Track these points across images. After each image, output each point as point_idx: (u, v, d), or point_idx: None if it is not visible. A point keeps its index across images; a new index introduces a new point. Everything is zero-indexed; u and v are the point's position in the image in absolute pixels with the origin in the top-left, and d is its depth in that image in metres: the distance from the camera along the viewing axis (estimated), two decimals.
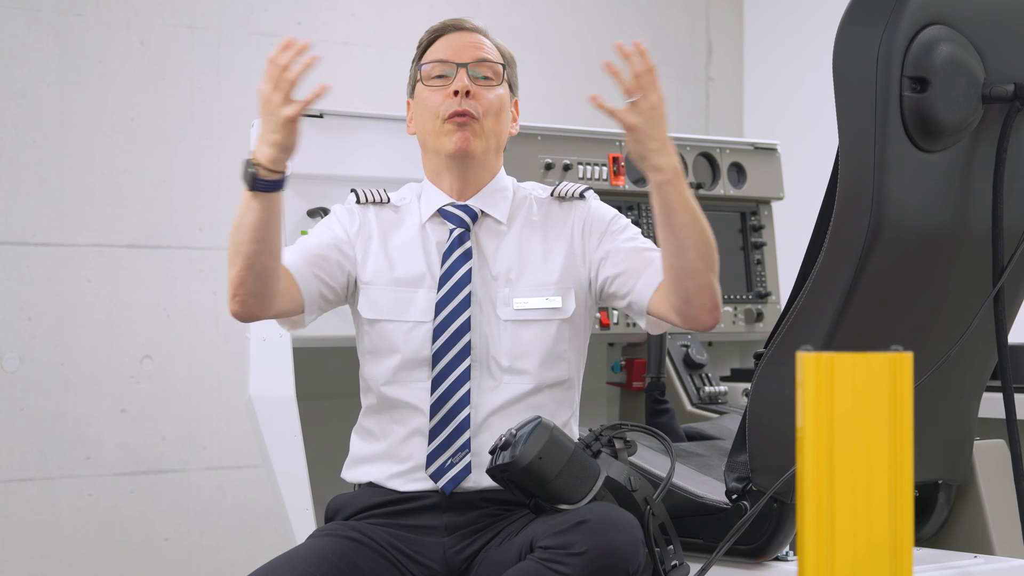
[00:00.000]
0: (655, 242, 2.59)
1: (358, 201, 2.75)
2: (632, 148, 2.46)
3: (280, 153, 2.42)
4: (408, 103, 2.79)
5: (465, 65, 2.69)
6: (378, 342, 2.68)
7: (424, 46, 2.76)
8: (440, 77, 2.70)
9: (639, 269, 2.64)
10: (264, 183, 2.45)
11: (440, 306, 2.65)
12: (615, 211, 2.76)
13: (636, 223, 3.57)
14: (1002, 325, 2.49)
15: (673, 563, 2.51)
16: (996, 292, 2.46)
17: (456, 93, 2.66)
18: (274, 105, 2.40)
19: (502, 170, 2.78)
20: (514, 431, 2.48)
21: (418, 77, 2.74)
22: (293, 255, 2.64)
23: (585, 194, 2.75)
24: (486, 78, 2.71)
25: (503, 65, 2.73)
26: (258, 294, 2.54)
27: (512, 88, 2.77)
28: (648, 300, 2.62)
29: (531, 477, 2.45)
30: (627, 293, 2.65)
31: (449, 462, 2.61)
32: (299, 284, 2.63)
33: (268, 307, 2.58)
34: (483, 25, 2.78)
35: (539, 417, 2.49)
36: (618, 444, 2.56)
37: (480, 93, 2.68)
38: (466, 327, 2.64)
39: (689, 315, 2.56)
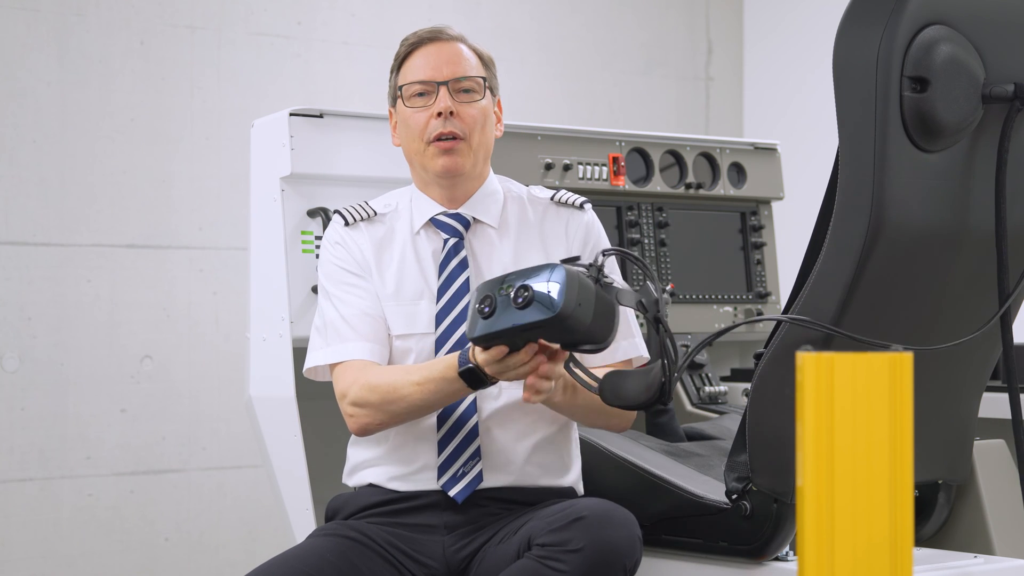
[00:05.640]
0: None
1: (346, 224, 2.74)
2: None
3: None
4: (390, 112, 2.79)
5: (446, 83, 2.69)
6: (394, 356, 2.68)
7: (400, 59, 2.75)
8: (421, 96, 2.70)
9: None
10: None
11: (440, 317, 2.65)
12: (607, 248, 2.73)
13: (635, 223, 3.59)
14: (1008, 327, 2.49)
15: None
16: (1002, 292, 2.46)
17: (439, 114, 2.67)
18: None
19: (491, 174, 2.79)
20: (525, 283, 2.31)
21: (398, 94, 2.74)
22: (374, 351, 2.66)
23: (584, 205, 2.76)
24: (467, 91, 2.70)
25: (483, 78, 2.73)
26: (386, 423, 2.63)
27: (493, 91, 2.77)
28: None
29: (567, 328, 2.26)
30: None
31: (461, 471, 2.61)
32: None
33: None
34: (458, 32, 2.77)
35: (553, 264, 2.33)
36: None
37: (463, 110, 2.68)
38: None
39: None
